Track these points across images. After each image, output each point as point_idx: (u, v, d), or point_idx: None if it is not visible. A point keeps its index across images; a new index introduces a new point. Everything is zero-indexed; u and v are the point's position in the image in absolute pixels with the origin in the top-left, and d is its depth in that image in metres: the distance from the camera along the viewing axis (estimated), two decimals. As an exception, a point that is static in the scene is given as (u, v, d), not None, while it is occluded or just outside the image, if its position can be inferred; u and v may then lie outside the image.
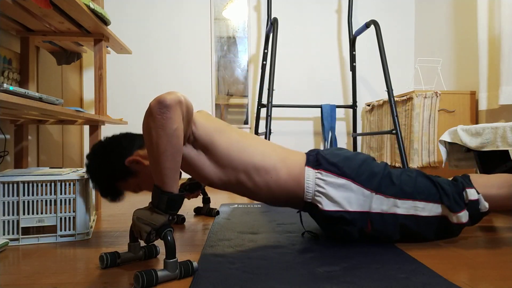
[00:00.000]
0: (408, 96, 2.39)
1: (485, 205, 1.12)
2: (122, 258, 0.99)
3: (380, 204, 1.11)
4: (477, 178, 1.17)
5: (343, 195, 1.09)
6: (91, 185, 1.23)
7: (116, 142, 1.16)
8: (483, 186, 1.14)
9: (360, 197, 1.10)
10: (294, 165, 1.14)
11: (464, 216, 1.10)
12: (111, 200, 1.18)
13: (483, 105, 2.21)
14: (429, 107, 2.32)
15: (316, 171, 1.13)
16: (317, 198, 1.12)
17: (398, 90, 3.04)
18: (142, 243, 1.00)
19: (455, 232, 1.16)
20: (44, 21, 1.63)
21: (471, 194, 1.11)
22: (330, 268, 0.93)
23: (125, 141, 1.16)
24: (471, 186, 1.13)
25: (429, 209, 1.11)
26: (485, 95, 2.21)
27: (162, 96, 0.88)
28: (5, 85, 0.97)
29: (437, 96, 2.31)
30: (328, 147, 2.87)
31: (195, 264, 0.91)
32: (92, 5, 1.56)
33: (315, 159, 1.16)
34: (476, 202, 1.11)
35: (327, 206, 1.10)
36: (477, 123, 2.41)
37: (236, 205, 1.92)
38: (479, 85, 2.23)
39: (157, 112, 0.87)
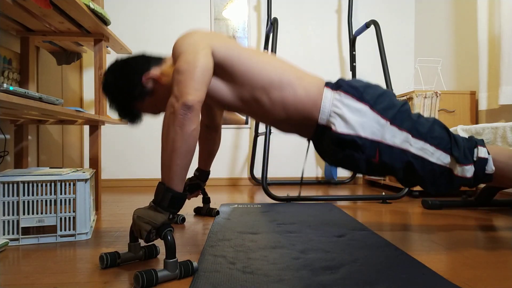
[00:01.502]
0: (408, 96, 2.39)
1: (491, 166, 1.11)
2: (122, 258, 0.99)
3: (393, 136, 1.08)
4: (491, 146, 1.17)
5: (358, 120, 1.07)
6: (108, 105, 1.21)
7: (132, 60, 1.17)
8: (495, 152, 1.14)
9: (375, 125, 1.07)
10: (312, 85, 1.13)
11: (469, 170, 1.09)
12: (129, 122, 1.19)
13: (483, 105, 2.21)
14: (429, 107, 2.32)
15: (335, 92, 1.11)
16: (331, 119, 1.10)
17: (398, 90, 3.04)
18: (142, 243, 1.00)
19: (454, 185, 1.13)
20: (44, 21, 1.63)
21: (482, 152, 1.10)
22: (330, 268, 0.93)
23: (142, 59, 1.17)
24: (484, 145, 1.12)
25: (438, 156, 1.09)
26: (485, 95, 2.21)
27: (186, 98, 0.92)
28: (5, 85, 0.97)
29: (437, 96, 2.31)
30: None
31: (195, 264, 0.91)
32: (92, 5, 1.56)
33: (335, 82, 1.16)
34: (485, 160, 1.10)
35: (340, 128, 1.07)
36: (477, 123, 2.41)
37: (236, 205, 1.92)
38: (479, 85, 2.23)
39: (179, 112, 0.91)
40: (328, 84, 1.14)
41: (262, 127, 2.93)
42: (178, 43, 1.05)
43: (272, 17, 2.63)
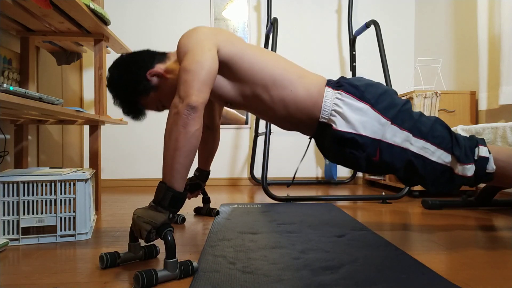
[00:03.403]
0: (408, 96, 2.39)
1: (492, 166, 1.11)
2: (122, 258, 0.99)
3: (393, 135, 1.09)
4: (492, 145, 1.17)
5: (359, 118, 1.08)
6: (112, 100, 1.20)
7: (137, 56, 1.17)
8: (496, 151, 1.14)
9: (375, 124, 1.08)
10: (313, 84, 1.14)
11: (470, 169, 1.09)
12: (133, 118, 1.19)
13: (483, 105, 2.21)
14: (429, 107, 2.32)
15: (336, 91, 1.12)
16: (332, 117, 1.10)
17: (398, 90, 3.03)
18: (142, 243, 1.00)
19: (455, 184, 1.13)
20: (44, 21, 1.63)
21: (483, 151, 1.11)
22: (330, 268, 0.93)
23: (147, 54, 1.18)
24: (485, 145, 1.13)
25: (439, 155, 1.09)
26: (485, 95, 2.21)
27: (191, 98, 0.93)
28: (5, 85, 0.97)
29: (437, 96, 2.31)
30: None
31: (195, 264, 0.91)
32: (92, 5, 1.56)
33: (336, 81, 1.16)
34: (486, 159, 1.10)
35: (341, 126, 1.08)
36: (477, 123, 2.41)
37: (236, 205, 1.92)
38: (479, 85, 2.23)
39: (183, 112, 0.92)
40: (329, 83, 1.15)
41: (262, 127, 2.93)
42: (184, 40, 1.05)
43: (272, 17, 2.63)
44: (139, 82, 1.14)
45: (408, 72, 3.18)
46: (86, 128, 2.81)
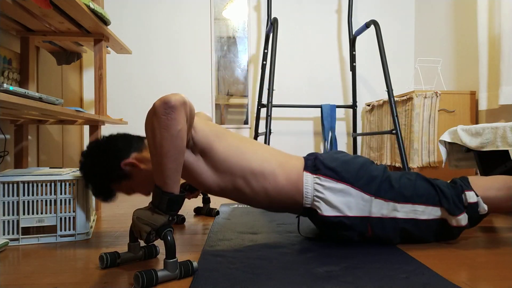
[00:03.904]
0: (408, 96, 2.39)
1: (484, 207, 1.12)
2: (122, 258, 0.99)
3: (380, 208, 1.10)
4: (475, 180, 1.17)
5: (342, 200, 1.09)
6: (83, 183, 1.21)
7: (113, 143, 1.13)
8: (482, 189, 1.14)
9: (360, 202, 1.09)
10: (292, 170, 1.13)
11: (463, 219, 1.10)
12: (103, 200, 1.16)
13: (483, 105, 2.21)
14: (429, 107, 2.32)
15: (315, 176, 1.12)
16: (316, 203, 1.11)
17: (398, 90, 3.04)
18: (142, 243, 1.00)
19: (455, 234, 1.16)
20: (44, 21, 1.63)
21: (470, 196, 1.11)
22: (330, 268, 0.93)
23: (122, 142, 1.14)
24: (470, 188, 1.12)
25: (429, 212, 1.11)
26: (485, 95, 2.21)
27: (167, 97, 0.88)
28: (5, 85, 0.97)
29: (437, 96, 2.31)
30: (328, 147, 2.87)
31: (195, 264, 0.91)
32: (92, 5, 1.56)
33: (313, 164, 1.15)
34: (475, 204, 1.11)
35: (326, 211, 1.09)
36: (477, 123, 2.41)
37: (236, 205, 1.92)
38: (479, 85, 2.23)
39: (162, 112, 0.87)
40: (307, 167, 1.14)
41: (262, 127, 2.93)
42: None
43: (272, 17, 2.63)
44: (112, 171, 1.10)
45: (408, 72, 3.18)
46: (86, 128, 2.81)
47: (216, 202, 2.05)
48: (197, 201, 1.95)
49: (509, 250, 1.13)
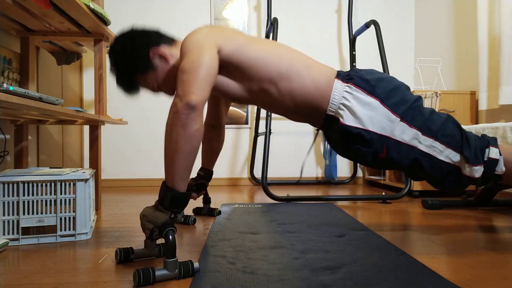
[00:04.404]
0: (408, 96, 2.38)
1: (502, 167, 1.08)
2: (136, 254, 1.01)
3: (402, 132, 1.06)
4: (503, 144, 1.15)
5: (367, 114, 1.05)
6: (109, 69, 1.20)
7: (146, 31, 1.17)
8: (507, 151, 1.11)
9: (384, 120, 1.05)
10: (322, 75, 1.12)
11: (478, 171, 1.07)
12: (124, 91, 1.18)
13: (483, 105, 2.21)
14: (429, 107, 2.32)
15: (346, 84, 1.09)
16: (340, 111, 1.08)
17: (398, 90, 3.03)
18: (159, 241, 1.02)
19: (462, 184, 1.11)
20: (44, 21, 1.63)
21: (494, 152, 1.08)
22: (330, 268, 0.93)
23: (155, 34, 1.17)
24: (496, 145, 1.10)
25: (447, 154, 1.07)
26: (485, 95, 2.21)
27: (190, 96, 0.91)
28: (5, 85, 0.97)
29: (437, 96, 2.31)
30: (328, 147, 2.87)
31: (196, 264, 0.91)
32: (92, 5, 1.56)
33: (346, 73, 1.13)
34: (495, 161, 1.08)
35: (348, 120, 1.06)
36: (477, 123, 2.41)
37: (236, 205, 1.92)
38: (479, 85, 2.23)
39: (182, 111, 0.90)
40: (339, 75, 1.12)
41: (262, 127, 2.93)
42: (184, 41, 1.04)
43: (272, 17, 2.62)
44: (140, 58, 1.12)
45: (408, 72, 3.18)
46: (86, 128, 2.81)
47: (216, 202, 2.05)
48: (197, 201, 1.95)
49: (509, 250, 1.13)
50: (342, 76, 1.12)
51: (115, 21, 2.91)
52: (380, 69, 2.82)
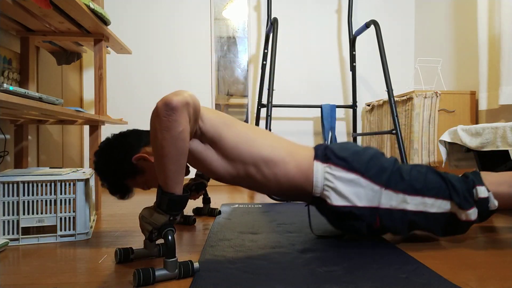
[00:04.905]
0: (408, 96, 2.39)
1: (494, 203, 1.10)
2: (136, 254, 1.01)
3: (389, 199, 1.09)
4: (487, 175, 1.15)
5: (352, 190, 1.08)
6: (100, 183, 1.24)
7: (123, 139, 1.17)
8: (493, 184, 1.12)
9: (369, 192, 1.08)
10: (303, 159, 1.13)
11: (473, 213, 1.08)
12: (120, 198, 1.20)
13: (483, 105, 2.21)
14: (429, 107, 2.32)
15: (325, 165, 1.11)
16: (325, 193, 1.10)
17: (398, 90, 3.03)
18: (159, 241, 1.02)
19: (463, 229, 1.14)
20: (44, 21, 1.63)
21: (481, 191, 1.09)
22: (330, 268, 0.93)
23: (132, 138, 1.18)
24: (481, 183, 1.11)
25: (438, 205, 1.09)
26: (485, 95, 2.20)
27: (168, 98, 0.87)
28: (5, 85, 0.97)
29: (437, 96, 2.31)
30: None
31: (196, 264, 0.91)
32: (92, 5, 1.56)
33: (323, 153, 1.14)
34: (486, 200, 1.09)
35: (335, 201, 1.08)
36: (477, 123, 2.41)
37: (236, 205, 1.92)
38: (479, 85, 2.23)
39: (163, 114, 0.86)
40: (317, 157, 1.14)
41: (262, 127, 2.92)
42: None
43: (272, 17, 2.62)
44: (125, 167, 1.14)
45: (408, 72, 3.18)
46: (86, 128, 2.81)
47: (216, 202, 2.05)
48: (197, 202, 1.95)
49: (510, 250, 1.13)
50: (320, 156, 1.13)
51: (115, 21, 2.91)
52: (380, 69, 2.82)
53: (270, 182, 1.10)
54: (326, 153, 1.14)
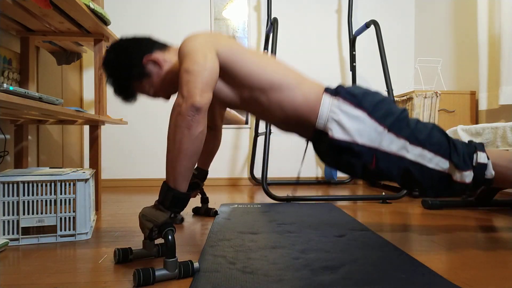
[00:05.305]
0: (408, 96, 2.39)
1: (491, 172, 1.10)
2: (135, 254, 1.01)
3: (390, 143, 1.08)
4: (491, 149, 1.16)
5: (355, 126, 1.07)
6: (105, 80, 1.22)
7: (138, 40, 1.18)
8: (494, 155, 1.13)
9: (372, 132, 1.07)
10: (311, 90, 1.13)
11: (468, 176, 1.08)
12: (123, 99, 1.19)
13: (483, 105, 2.21)
14: (429, 107, 2.32)
15: (334, 97, 1.11)
16: (329, 125, 1.09)
17: (398, 90, 3.04)
18: (157, 241, 1.02)
19: (455, 190, 1.13)
20: (44, 21, 1.63)
21: (481, 157, 1.10)
22: (330, 268, 0.93)
23: (146, 40, 1.18)
24: (483, 150, 1.11)
25: (436, 162, 1.09)
26: (485, 95, 2.21)
27: (195, 98, 0.92)
28: (5, 85, 0.97)
29: (437, 96, 2.31)
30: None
31: (196, 264, 0.91)
32: (92, 5, 1.56)
33: (334, 88, 1.15)
34: (484, 166, 1.09)
35: (337, 133, 1.08)
36: (477, 123, 2.41)
37: (236, 205, 1.92)
38: (479, 85, 2.23)
39: (188, 113, 0.91)
40: (327, 90, 1.14)
41: (262, 127, 2.93)
42: (184, 44, 1.05)
43: (272, 17, 2.63)
44: (134, 66, 1.14)
45: (408, 72, 3.18)
46: (86, 128, 2.81)
47: (216, 202, 2.05)
48: (196, 201, 1.95)
49: (509, 250, 1.13)
50: (330, 91, 1.14)
51: (115, 21, 2.91)
52: (380, 69, 2.82)
53: (274, 107, 1.12)
54: (338, 88, 1.15)
